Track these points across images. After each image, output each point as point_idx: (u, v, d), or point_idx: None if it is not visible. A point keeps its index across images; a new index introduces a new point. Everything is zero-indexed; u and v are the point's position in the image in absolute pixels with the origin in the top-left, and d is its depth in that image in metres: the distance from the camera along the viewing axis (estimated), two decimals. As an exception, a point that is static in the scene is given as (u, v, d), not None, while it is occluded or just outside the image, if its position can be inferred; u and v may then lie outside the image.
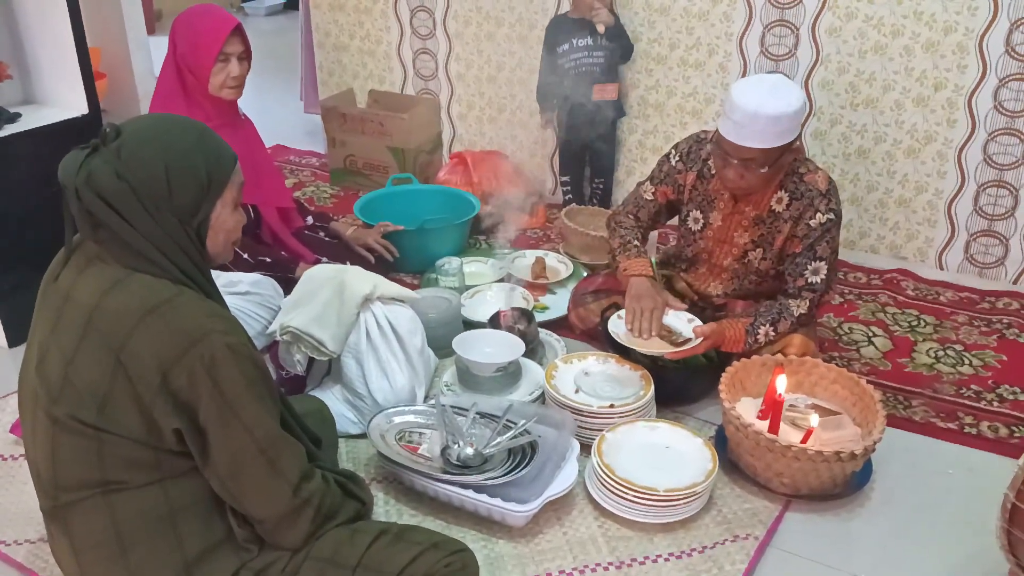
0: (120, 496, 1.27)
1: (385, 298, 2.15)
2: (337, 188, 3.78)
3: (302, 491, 1.34)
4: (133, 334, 1.20)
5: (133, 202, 1.24)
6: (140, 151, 1.25)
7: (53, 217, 2.51)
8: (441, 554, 1.45)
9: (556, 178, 3.62)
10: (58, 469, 1.27)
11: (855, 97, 2.98)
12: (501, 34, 3.54)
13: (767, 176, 2.05)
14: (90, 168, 1.23)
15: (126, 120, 1.31)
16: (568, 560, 1.76)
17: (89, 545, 1.30)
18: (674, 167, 2.25)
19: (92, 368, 1.22)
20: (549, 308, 2.70)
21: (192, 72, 2.31)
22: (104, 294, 1.23)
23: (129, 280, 1.24)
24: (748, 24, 3.05)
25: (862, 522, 1.89)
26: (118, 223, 1.24)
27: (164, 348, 1.21)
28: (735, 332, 2.11)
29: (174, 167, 1.26)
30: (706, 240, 2.27)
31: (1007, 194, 2.88)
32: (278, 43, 6.08)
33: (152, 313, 1.22)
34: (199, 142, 1.30)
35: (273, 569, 1.37)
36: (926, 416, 2.24)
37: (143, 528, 1.28)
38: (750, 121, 1.94)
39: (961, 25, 2.75)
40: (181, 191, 1.27)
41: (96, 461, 1.24)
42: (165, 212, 1.26)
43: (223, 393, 1.23)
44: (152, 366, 1.21)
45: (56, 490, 1.29)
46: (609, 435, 1.95)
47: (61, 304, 1.27)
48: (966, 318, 2.72)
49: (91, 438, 1.24)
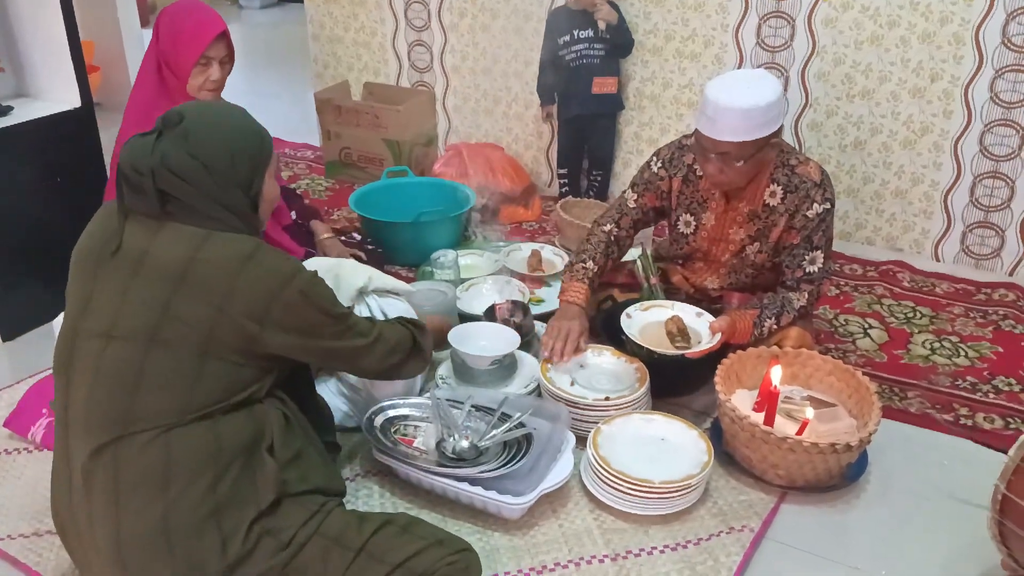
0: (181, 431, 1.38)
1: (380, 291, 2.14)
2: (332, 181, 3.77)
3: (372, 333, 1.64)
4: (239, 277, 1.40)
5: (206, 177, 1.42)
6: (207, 133, 1.44)
7: (47, 210, 2.53)
8: (445, 551, 1.47)
9: (553, 171, 3.62)
10: (138, 398, 1.38)
11: (851, 88, 2.97)
12: (496, 26, 3.53)
13: (746, 170, 2.05)
14: (163, 150, 1.40)
15: (182, 105, 1.49)
16: (564, 552, 1.76)
17: (136, 478, 1.37)
18: (656, 174, 2.26)
19: (197, 307, 1.38)
20: (545, 301, 2.70)
21: (171, 70, 2.26)
22: (197, 248, 1.40)
23: (215, 237, 1.42)
24: (744, 15, 3.04)
25: (857, 514, 1.89)
26: (193, 194, 1.41)
27: (266, 286, 1.42)
28: (744, 324, 2.11)
29: (236, 145, 1.46)
30: (700, 240, 2.27)
31: (1003, 185, 2.88)
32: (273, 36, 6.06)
33: (250, 260, 1.41)
34: (251, 123, 1.52)
35: (283, 534, 1.43)
36: (922, 408, 2.24)
37: (192, 463, 1.38)
38: (721, 115, 1.96)
39: (957, 15, 2.74)
40: (242, 165, 1.47)
41: (191, 384, 1.39)
42: (231, 185, 1.45)
43: (319, 306, 1.50)
44: (255, 303, 1.41)
45: (124, 422, 1.37)
46: (604, 427, 1.95)
47: (137, 261, 1.41)
48: (962, 309, 2.72)
49: (197, 359, 1.39)
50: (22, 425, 2.09)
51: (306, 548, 1.44)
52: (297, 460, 1.51)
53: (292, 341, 1.48)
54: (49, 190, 2.58)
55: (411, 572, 1.44)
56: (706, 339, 2.10)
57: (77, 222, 2.50)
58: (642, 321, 2.17)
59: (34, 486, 1.94)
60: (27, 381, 2.25)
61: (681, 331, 2.11)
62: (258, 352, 1.45)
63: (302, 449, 1.54)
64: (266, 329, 1.43)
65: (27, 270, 2.56)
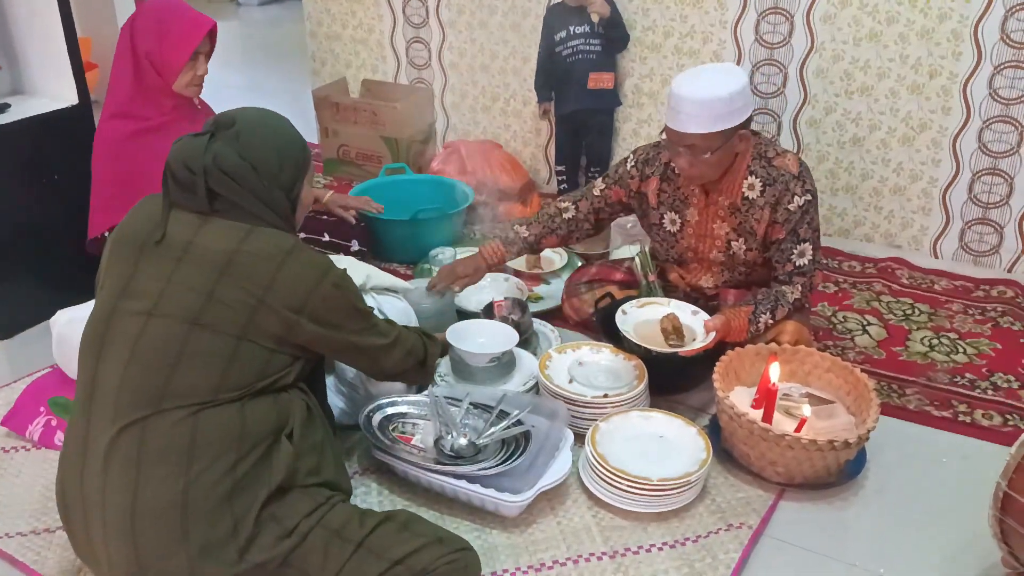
0: (210, 411, 1.43)
1: (378, 289, 2.14)
2: (330, 178, 3.77)
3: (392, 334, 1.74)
4: (282, 268, 1.48)
5: (254, 178, 1.51)
6: (257, 137, 1.53)
7: (43, 208, 2.52)
8: (445, 550, 1.49)
9: (551, 168, 3.61)
10: (176, 375, 1.43)
11: (850, 85, 2.97)
12: (494, 22, 3.52)
13: (715, 162, 2.06)
14: (215, 151, 1.48)
15: (233, 110, 1.58)
16: (562, 550, 1.76)
17: (161, 453, 1.40)
18: (628, 171, 2.29)
19: (239, 294, 1.46)
20: (544, 298, 2.70)
21: (155, 66, 2.22)
22: (241, 241, 1.48)
23: (258, 231, 1.50)
24: (742, 12, 3.04)
25: (856, 511, 1.89)
26: (241, 194, 1.49)
27: (305, 279, 1.50)
28: (739, 322, 2.11)
29: (283, 150, 1.56)
30: (687, 238, 2.27)
31: (1002, 182, 2.87)
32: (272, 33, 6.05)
33: (290, 254, 1.49)
34: (295, 131, 1.62)
35: (288, 521, 1.45)
36: (920, 405, 2.24)
37: (217, 442, 1.42)
38: (682, 105, 2.00)
39: (956, 12, 2.74)
40: (287, 169, 1.56)
41: (226, 365, 1.45)
42: (276, 186, 1.54)
43: (349, 300, 1.60)
44: (294, 294, 1.49)
45: (158, 399, 1.42)
46: (603, 425, 1.95)
47: (183, 250, 1.48)
48: (961, 306, 2.72)
49: (234, 342, 1.45)
50: (20, 424, 2.09)
51: (308, 538, 1.46)
52: (313, 451, 1.55)
53: (323, 333, 1.55)
54: (46, 187, 2.57)
55: (410, 569, 1.44)
56: (700, 337, 2.09)
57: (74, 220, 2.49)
58: (638, 318, 2.16)
59: (32, 484, 1.94)
60: (24, 380, 2.25)
61: (676, 329, 2.10)
62: (291, 340, 1.52)
63: (320, 442, 1.58)
64: (303, 319, 1.50)
65: (24, 268, 2.56)
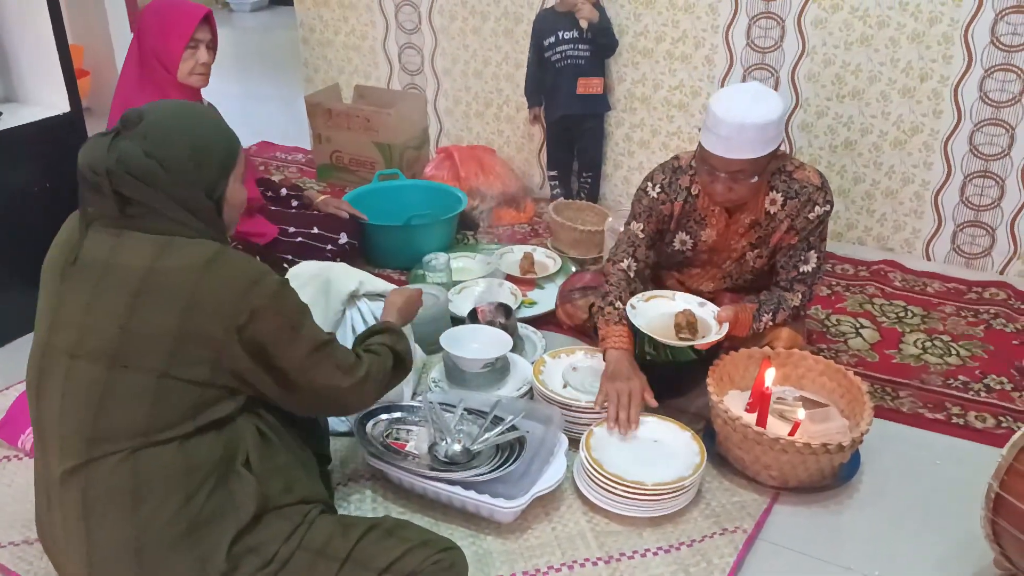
0: (148, 452, 1.34)
1: (371, 294, 2.14)
2: (323, 184, 3.76)
3: (359, 372, 1.54)
4: (200, 283, 1.33)
5: (164, 178, 1.35)
6: (166, 132, 1.37)
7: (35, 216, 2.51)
8: (430, 551, 1.46)
9: (544, 173, 3.62)
10: (102, 420, 1.33)
11: (841, 89, 2.98)
12: (487, 28, 3.53)
13: (757, 185, 2.02)
14: (119, 150, 1.34)
15: (144, 106, 1.41)
16: (557, 556, 1.75)
17: (104, 499, 1.34)
18: (656, 199, 2.17)
19: (158, 320, 1.32)
20: (537, 303, 2.70)
21: (161, 60, 2.32)
22: (155, 258, 1.34)
23: (175, 242, 1.36)
24: (734, 16, 3.05)
25: (850, 514, 1.89)
26: (152, 196, 1.35)
27: (229, 292, 1.34)
28: (746, 316, 2.10)
29: (197, 146, 1.39)
30: (698, 254, 2.24)
31: (993, 184, 2.89)
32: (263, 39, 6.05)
33: (213, 263, 1.35)
34: (215, 123, 1.45)
35: (266, 549, 1.39)
36: (913, 407, 2.24)
37: (161, 482, 1.34)
38: (737, 133, 1.90)
39: (946, 16, 2.75)
40: (204, 167, 1.39)
41: (149, 408, 1.33)
42: (192, 187, 1.38)
43: (288, 317, 1.42)
44: (221, 309, 1.34)
45: (89, 445, 1.33)
46: (597, 430, 1.94)
47: (100, 273, 1.35)
48: (953, 308, 2.72)
49: (154, 381, 1.33)
50: (11, 434, 2.08)
51: (291, 563, 1.40)
52: (278, 473, 1.46)
53: (259, 362, 1.39)
54: (38, 196, 2.56)
55: (397, 574, 1.43)
56: (714, 330, 2.08)
57: (66, 228, 2.44)
58: (648, 313, 2.12)
59: (24, 494, 1.93)
60: (16, 388, 2.24)
61: (690, 324, 2.08)
62: (225, 367, 1.37)
63: (285, 463, 1.49)
64: (231, 341, 1.35)
65: (15, 276, 2.54)
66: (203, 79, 2.40)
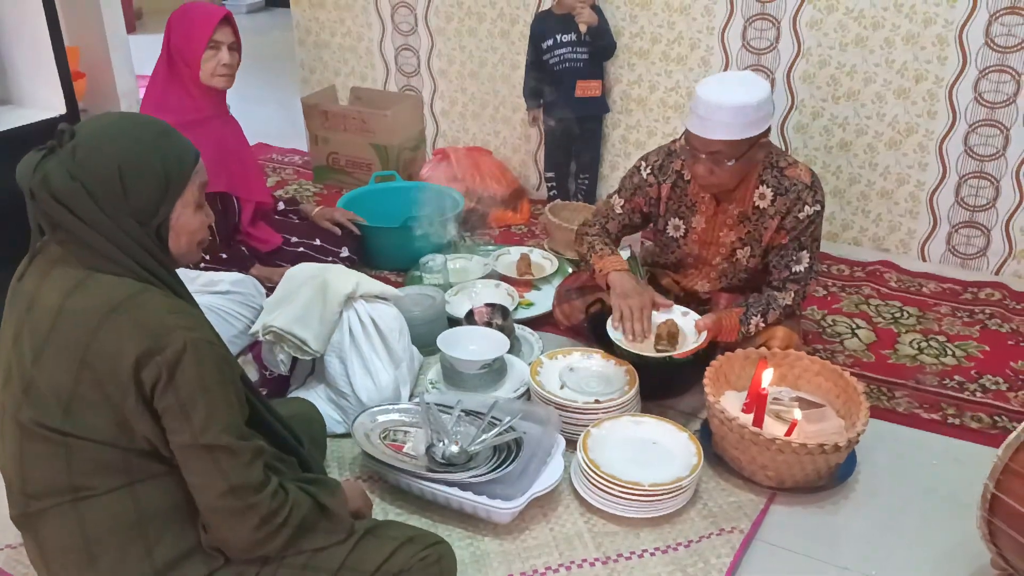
0: (89, 503, 1.24)
1: (368, 296, 2.14)
2: (320, 186, 3.76)
3: (245, 496, 1.24)
4: (97, 334, 1.18)
5: (88, 203, 1.21)
6: (94, 152, 1.22)
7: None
8: (416, 548, 1.46)
9: (541, 174, 3.62)
10: (26, 477, 1.25)
11: (836, 90, 2.98)
12: (483, 29, 3.53)
13: (736, 170, 2.05)
14: (45, 169, 1.21)
15: (84, 120, 1.29)
16: (554, 556, 1.76)
17: (58, 553, 1.27)
18: (645, 179, 2.25)
19: (56, 371, 1.20)
20: (534, 304, 2.70)
21: (185, 61, 2.35)
22: (67, 296, 1.21)
23: (90, 280, 1.22)
24: (729, 18, 3.05)
25: (847, 514, 1.90)
26: (73, 223, 1.21)
27: (129, 346, 1.18)
28: (730, 322, 2.12)
29: (128, 167, 1.22)
30: (690, 244, 2.27)
31: (988, 185, 2.89)
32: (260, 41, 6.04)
33: (115, 311, 1.19)
34: (156, 141, 1.26)
35: (250, 571, 1.33)
36: (909, 407, 2.25)
37: (113, 535, 1.25)
38: (713, 113, 1.97)
39: (941, 17, 2.76)
40: (137, 192, 1.23)
41: (64, 467, 1.22)
42: (122, 213, 1.22)
43: (177, 392, 1.19)
44: (119, 365, 1.18)
45: (25, 498, 1.27)
46: (594, 430, 1.95)
47: (25, 309, 1.24)
48: (949, 309, 2.73)
49: (58, 443, 1.21)
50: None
51: None
52: None
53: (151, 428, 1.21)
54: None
55: (386, 574, 1.41)
56: (692, 338, 2.10)
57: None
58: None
59: (20, 496, 1.93)
60: (13, 390, 2.23)
61: (671, 335, 2.11)
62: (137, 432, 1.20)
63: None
64: (127, 406, 1.18)
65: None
66: (226, 80, 2.41)
